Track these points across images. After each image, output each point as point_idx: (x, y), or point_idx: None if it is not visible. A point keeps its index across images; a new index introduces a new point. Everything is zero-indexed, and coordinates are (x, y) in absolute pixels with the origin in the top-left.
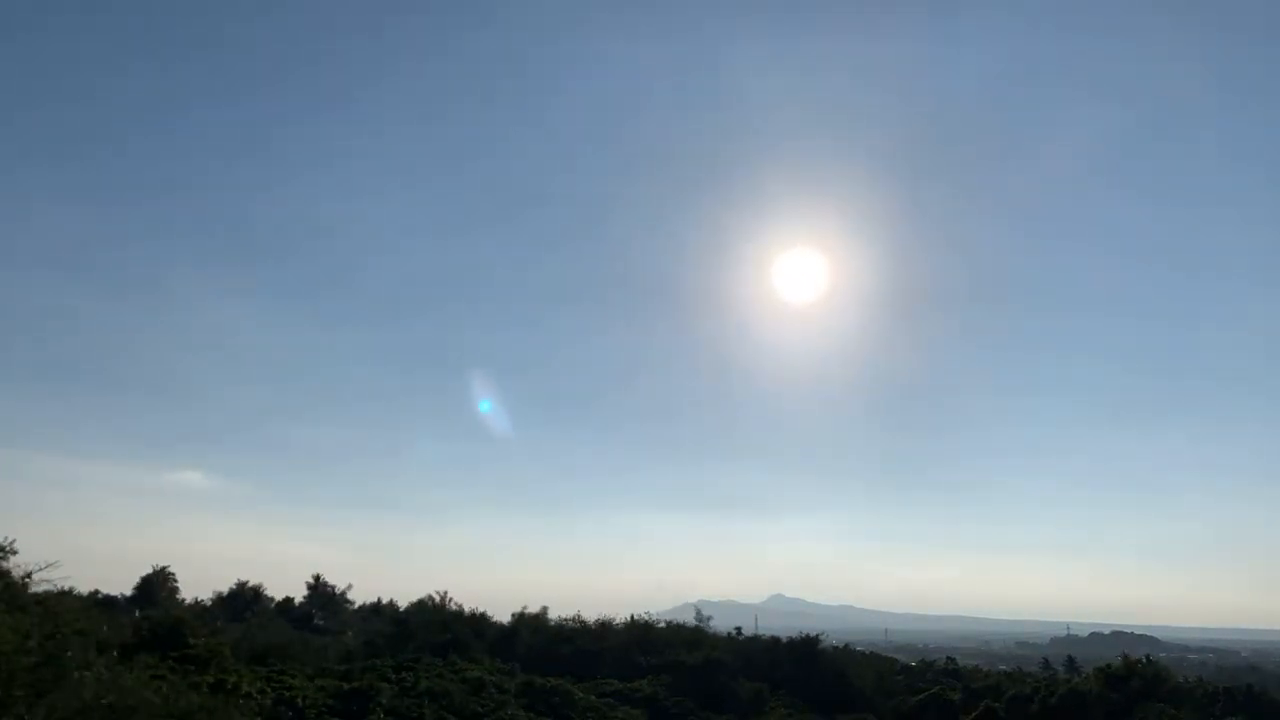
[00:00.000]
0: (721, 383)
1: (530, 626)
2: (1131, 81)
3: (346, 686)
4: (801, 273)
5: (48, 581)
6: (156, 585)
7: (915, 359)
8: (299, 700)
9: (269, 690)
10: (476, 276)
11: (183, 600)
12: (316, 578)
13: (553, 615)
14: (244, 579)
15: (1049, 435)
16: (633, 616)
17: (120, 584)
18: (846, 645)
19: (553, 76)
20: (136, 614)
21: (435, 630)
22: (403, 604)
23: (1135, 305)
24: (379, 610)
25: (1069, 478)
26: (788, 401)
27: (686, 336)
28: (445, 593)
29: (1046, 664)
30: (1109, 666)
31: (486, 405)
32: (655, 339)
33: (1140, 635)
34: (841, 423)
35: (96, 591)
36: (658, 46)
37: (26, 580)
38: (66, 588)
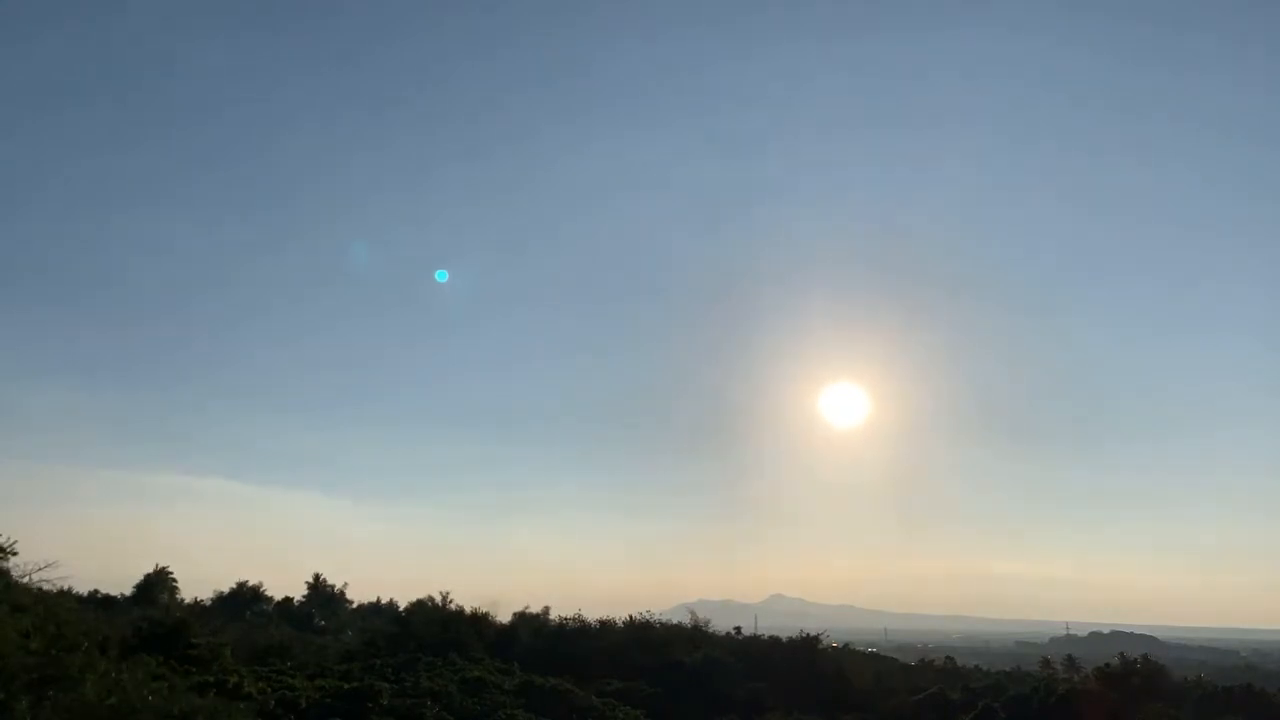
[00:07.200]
0: (723, 387)
1: (530, 626)
2: None
3: (346, 686)
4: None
5: (47, 581)
6: (156, 585)
7: (915, 364)
8: (299, 700)
9: (269, 690)
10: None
11: (183, 600)
12: (316, 577)
13: (553, 615)
14: (244, 579)
15: (1050, 438)
16: (632, 616)
17: (120, 584)
18: (846, 645)
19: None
20: (135, 614)
21: (435, 630)
22: (402, 604)
23: (1136, 313)
24: (379, 610)
25: (1068, 479)
26: (789, 407)
27: (692, 353)
28: (447, 593)
29: (1046, 664)
30: (1108, 666)
31: (443, 275)
32: (662, 357)
33: (1140, 635)
34: (843, 427)
35: (96, 591)
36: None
37: (28, 581)
38: (66, 588)
